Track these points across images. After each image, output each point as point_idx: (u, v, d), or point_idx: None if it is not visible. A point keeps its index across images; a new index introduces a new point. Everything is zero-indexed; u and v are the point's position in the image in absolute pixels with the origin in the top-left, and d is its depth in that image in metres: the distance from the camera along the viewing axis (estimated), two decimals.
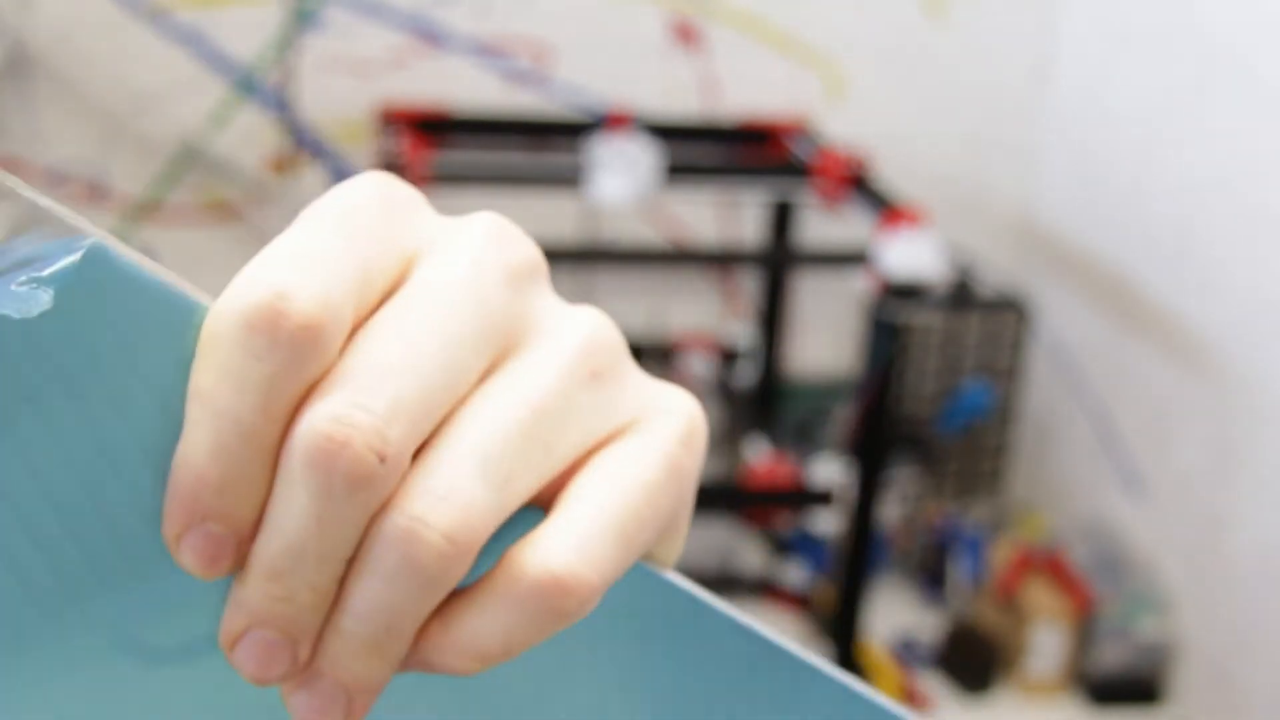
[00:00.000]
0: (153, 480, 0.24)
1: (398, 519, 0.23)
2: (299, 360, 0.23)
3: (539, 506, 0.26)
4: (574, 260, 2.00)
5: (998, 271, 2.19)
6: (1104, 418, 2.08)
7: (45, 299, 0.22)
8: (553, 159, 1.89)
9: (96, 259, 0.23)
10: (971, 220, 2.17)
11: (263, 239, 2.10)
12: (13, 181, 0.23)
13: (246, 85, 1.91)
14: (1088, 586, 1.96)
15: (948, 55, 2.12)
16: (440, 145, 1.84)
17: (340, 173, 1.96)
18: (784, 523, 2.04)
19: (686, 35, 2.03)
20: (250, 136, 1.93)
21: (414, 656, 0.25)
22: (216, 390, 0.23)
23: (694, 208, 2.08)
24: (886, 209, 1.72)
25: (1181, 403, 1.90)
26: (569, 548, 0.25)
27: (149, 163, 1.92)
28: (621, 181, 1.73)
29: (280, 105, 1.92)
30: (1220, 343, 1.82)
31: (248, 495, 0.24)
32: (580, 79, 2.01)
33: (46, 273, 0.22)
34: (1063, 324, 2.17)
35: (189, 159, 1.93)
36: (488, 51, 1.98)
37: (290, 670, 0.24)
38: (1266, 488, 1.75)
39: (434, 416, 0.24)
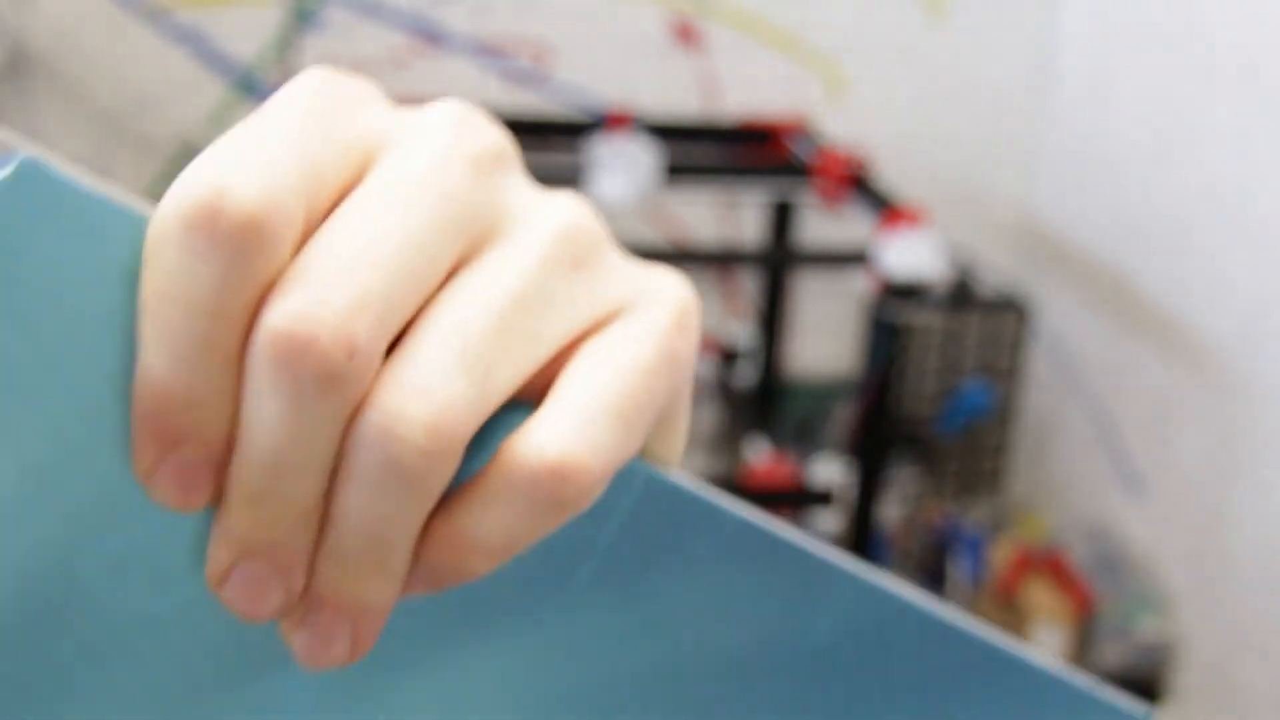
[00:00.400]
0: (118, 411, 0.23)
1: (373, 416, 0.22)
2: (245, 257, 0.22)
3: (528, 403, 0.24)
4: None
5: (998, 271, 2.19)
6: (1104, 418, 2.08)
7: None
8: (553, 159, 1.89)
9: (30, 174, 0.21)
10: (971, 220, 2.17)
11: None
12: None
13: (246, 85, 1.91)
14: (1088, 586, 1.96)
15: (948, 55, 2.12)
16: None
17: None
18: (784, 523, 2.04)
19: (686, 35, 2.03)
20: None
21: (416, 573, 0.24)
22: (165, 299, 0.22)
23: (694, 208, 2.08)
24: (886, 209, 1.72)
25: (1181, 403, 1.90)
26: (564, 433, 0.23)
27: (149, 163, 1.92)
28: (621, 181, 1.73)
29: None
30: (1220, 343, 1.82)
31: (215, 410, 0.22)
32: (580, 79, 2.01)
33: None
34: (1063, 324, 2.17)
35: (189, 159, 1.93)
36: (488, 51, 1.98)
37: (285, 603, 0.23)
38: (1266, 488, 1.75)
39: (404, 310, 0.23)
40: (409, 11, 1.94)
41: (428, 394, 0.22)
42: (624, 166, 1.73)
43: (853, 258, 1.77)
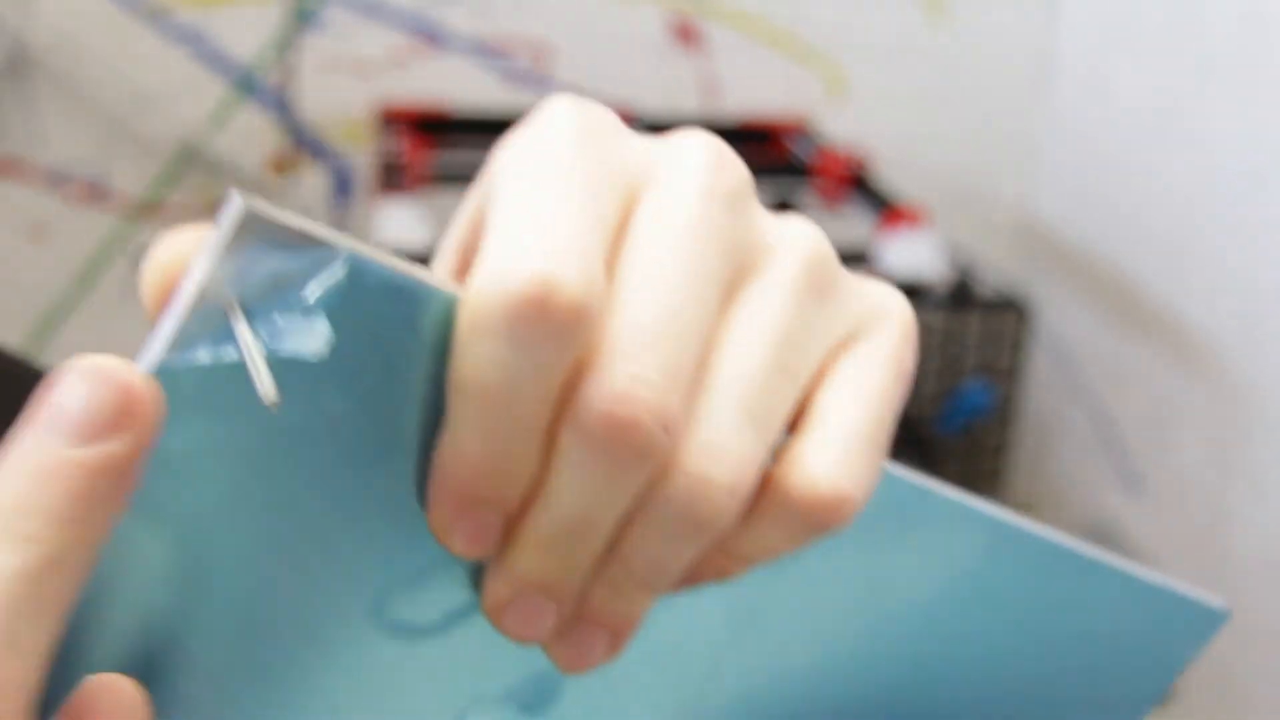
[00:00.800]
0: (409, 467, 0.24)
1: (680, 481, 0.23)
2: (569, 345, 0.23)
3: None
4: None
5: (998, 271, 2.19)
6: (1104, 418, 2.08)
7: (322, 332, 0.23)
8: None
9: (355, 272, 0.23)
10: (971, 220, 2.17)
11: None
12: (244, 197, 0.22)
13: (246, 85, 1.91)
14: None
15: (948, 55, 2.12)
16: (440, 145, 1.84)
17: (340, 173, 1.96)
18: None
19: (686, 35, 2.03)
20: (250, 136, 1.93)
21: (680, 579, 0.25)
22: (485, 382, 0.23)
23: None
24: (886, 209, 1.72)
25: (1181, 403, 1.90)
26: (832, 465, 0.25)
27: (149, 163, 1.92)
28: None
29: (280, 105, 1.92)
30: (1220, 343, 1.82)
31: (520, 478, 0.24)
32: (580, 79, 2.01)
33: (311, 296, 0.23)
34: (1063, 324, 2.17)
35: (189, 159, 1.93)
36: (488, 51, 1.98)
37: (557, 626, 0.25)
38: (1266, 488, 1.75)
39: (697, 365, 0.24)
40: (409, 11, 1.94)
41: (726, 454, 0.24)
42: None
43: (853, 257, 1.77)
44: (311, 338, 0.23)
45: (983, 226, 2.19)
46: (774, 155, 2.01)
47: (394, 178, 1.69)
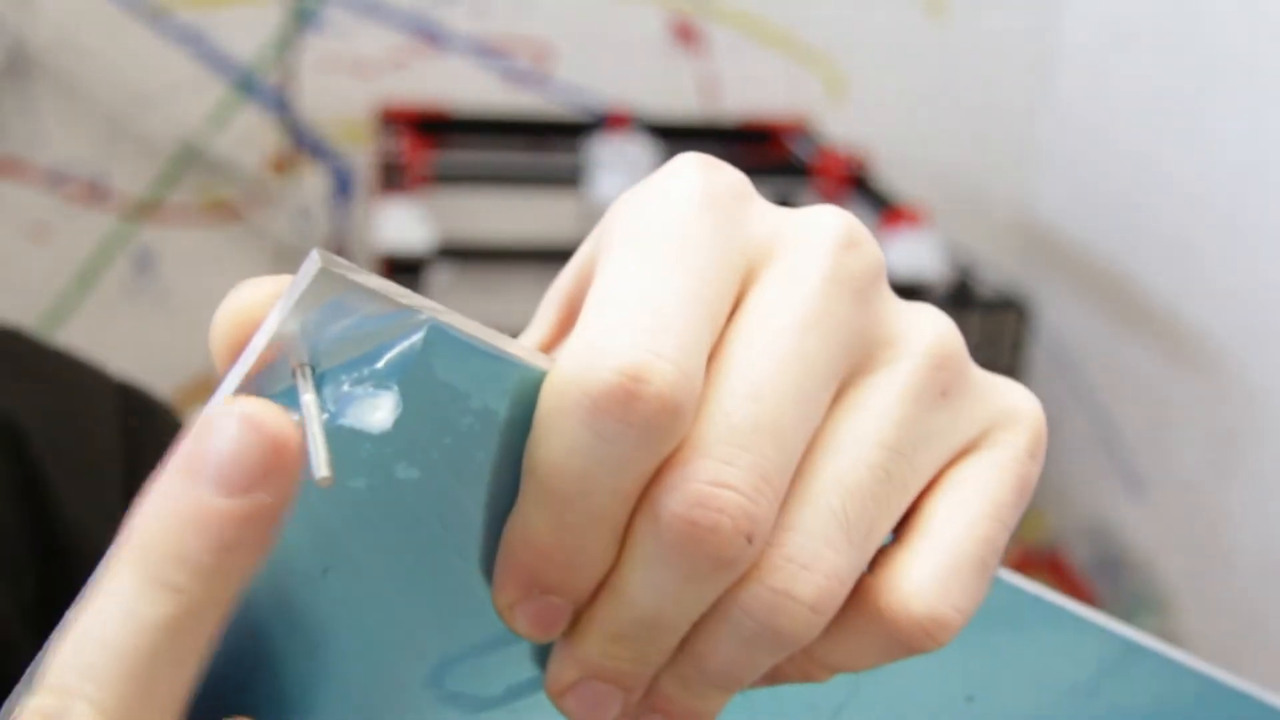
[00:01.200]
0: (478, 539, 0.24)
1: (760, 592, 0.22)
2: (653, 443, 0.21)
3: None
4: None
5: (998, 271, 2.19)
6: (1104, 418, 2.08)
7: (391, 404, 0.22)
8: (553, 159, 1.89)
9: (435, 339, 0.22)
10: (971, 220, 2.17)
11: (262, 239, 2.10)
12: (323, 256, 0.21)
13: (246, 85, 1.91)
14: (1088, 586, 1.96)
15: (948, 55, 2.12)
16: (440, 145, 1.84)
17: (340, 173, 1.96)
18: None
19: (686, 35, 2.03)
20: (250, 136, 1.93)
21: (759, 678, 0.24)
22: (561, 469, 0.22)
23: None
24: (886, 209, 1.72)
25: (1181, 403, 1.90)
26: (931, 587, 0.23)
27: (149, 163, 1.92)
28: (621, 181, 1.73)
29: (280, 105, 1.92)
30: (1220, 343, 1.82)
31: (591, 570, 0.22)
32: (580, 79, 2.01)
33: (386, 363, 0.22)
34: (1063, 324, 2.17)
35: (189, 159, 1.93)
36: (488, 51, 1.98)
37: (621, 714, 0.24)
38: (1266, 488, 1.75)
39: (793, 470, 0.22)
40: (409, 11, 1.94)
41: (815, 567, 0.22)
42: (624, 166, 1.73)
43: None
44: (380, 410, 0.22)
45: (983, 226, 2.19)
46: (774, 155, 2.01)
47: (394, 178, 1.69)
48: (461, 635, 0.25)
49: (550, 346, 0.28)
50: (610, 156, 1.74)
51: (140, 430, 0.47)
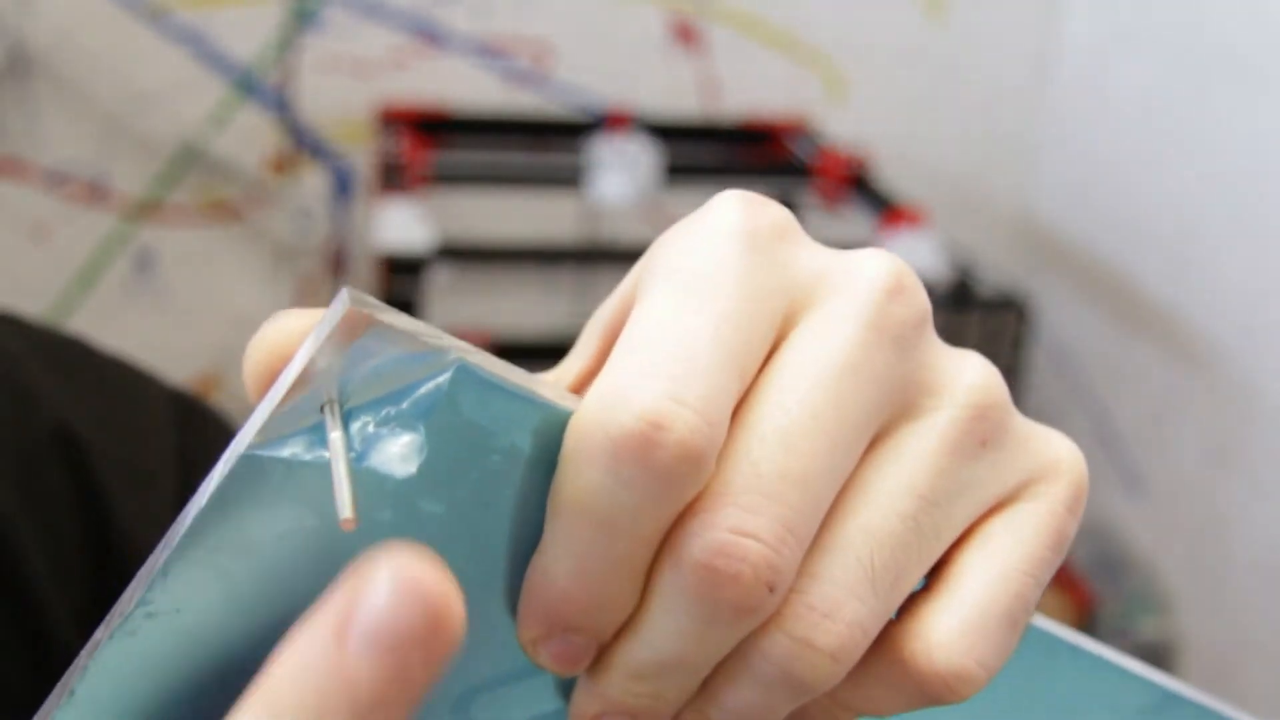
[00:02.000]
0: (503, 572, 0.24)
1: (781, 639, 0.22)
2: (674, 490, 0.21)
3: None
4: (574, 260, 2.00)
5: (998, 271, 2.19)
6: (1104, 418, 2.08)
7: (417, 445, 0.22)
8: (553, 159, 1.89)
9: (463, 380, 0.22)
10: (971, 220, 2.17)
11: (262, 239, 2.09)
12: (352, 295, 0.22)
13: (246, 85, 1.91)
14: (1088, 586, 1.96)
15: (948, 55, 2.12)
16: (440, 145, 1.84)
17: (340, 173, 1.96)
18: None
19: (686, 35, 2.03)
20: (250, 136, 1.93)
21: None
22: (582, 512, 0.22)
23: (694, 208, 2.08)
24: (886, 209, 1.72)
25: (1181, 403, 1.90)
26: (957, 640, 0.23)
27: (149, 163, 1.92)
28: (621, 181, 1.73)
29: (280, 105, 1.92)
30: (1220, 343, 1.82)
31: (613, 611, 0.22)
32: (580, 79, 2.01)
33: (413, 404, 0.22)
34: (1063, 324, 2.17)
35: (189, 159, 1.93)
36: (488, 51, 1.98)
37: None
38: (1266, 488, 1.75)
39: (820, 518, 0.22)
40: (409, 11, 1.94)
41: (838, 616, 0.22)
42: (624, 166, 1.73)
43: None
44: (406, 450, 0.22)
45: (983, 226, 2.19)
46: (774, 155, 2.01)
47: (394, 178, 1.69)
48: (487, 665, 0.25)
49: (590, 376, 0.28)
50: (610, 156, 1.74)
51: (194, 440, 0.48)
